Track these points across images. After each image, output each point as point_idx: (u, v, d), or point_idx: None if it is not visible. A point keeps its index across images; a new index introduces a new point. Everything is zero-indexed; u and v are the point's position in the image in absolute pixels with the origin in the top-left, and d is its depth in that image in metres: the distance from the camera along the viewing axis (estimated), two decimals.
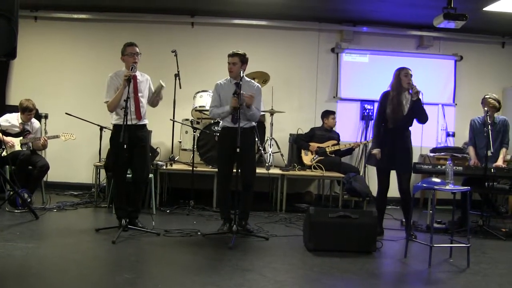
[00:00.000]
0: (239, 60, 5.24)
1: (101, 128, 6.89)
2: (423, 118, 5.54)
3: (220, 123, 5.46)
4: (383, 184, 5.61)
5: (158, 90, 5.33)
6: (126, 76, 5.03)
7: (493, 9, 6.94)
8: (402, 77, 5.49)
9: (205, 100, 7.08)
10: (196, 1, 7.68)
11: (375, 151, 5.59)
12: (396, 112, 5.49)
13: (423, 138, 7.87)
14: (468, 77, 8.53)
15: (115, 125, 5.27)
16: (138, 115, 5.24)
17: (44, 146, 6.57)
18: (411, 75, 5.46)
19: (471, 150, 6.39)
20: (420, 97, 5.39)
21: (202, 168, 7.00)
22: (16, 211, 5.88)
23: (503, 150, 6.23)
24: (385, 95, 5.64)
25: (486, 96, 6.20)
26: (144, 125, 5.40)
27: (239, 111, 5.04)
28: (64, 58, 8.11)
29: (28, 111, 6.48)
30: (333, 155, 7.47)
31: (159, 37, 8.06)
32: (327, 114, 7.74)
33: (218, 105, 5.38)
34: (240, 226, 5.30)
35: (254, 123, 5.45)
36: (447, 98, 8.50)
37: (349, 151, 7.72)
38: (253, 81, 5.58)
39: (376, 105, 8.27)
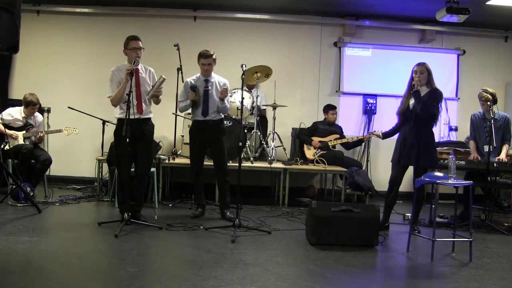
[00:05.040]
0: (213, 61, 5.72)
1: (104, 122, 6.90)
2: (419, 109, 5.23)
3: (192, 117, 5.88)
4: (392, 177, 5.57)
5: (158, 83, 5.26)
6: (128, 70, 5.04)
7: (496, 3, 6.91)
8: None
9: None
10: None
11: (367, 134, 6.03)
12: (401, 105, 5.50)
13: None
14: (471, 72, 8.51)
15: (119, 119, 5.26)
16: (140, 109, 5.23)
17: (41, 140, 6.63)
18: (421, 72, 5.36)
19: (472, 144, 6.40)
20: (418, 88, 5.26)
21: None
22: (18, 205, 5.90)
23: (506, 145, 6.21)
24: None
25: (480, 91, 6.18)
26: (148, 119, 5.38)
27: (218, 105, 5.62)
28: (66, 52, 8.10)
29: (32, 105, 6.49)
30: (335, 149, 7.48)
31: (162, 31, 8.05)
32: (327, 109, 7.74)
33: (184, 100, 5.80)
34: (222, 216, 5.74)
35: (222, 115, 5.87)
36: (450, 93, 8.47)
37: (359, 142, 7.68)
38: (221, 77, 5.88)
39: (378, 99, 8.35)
